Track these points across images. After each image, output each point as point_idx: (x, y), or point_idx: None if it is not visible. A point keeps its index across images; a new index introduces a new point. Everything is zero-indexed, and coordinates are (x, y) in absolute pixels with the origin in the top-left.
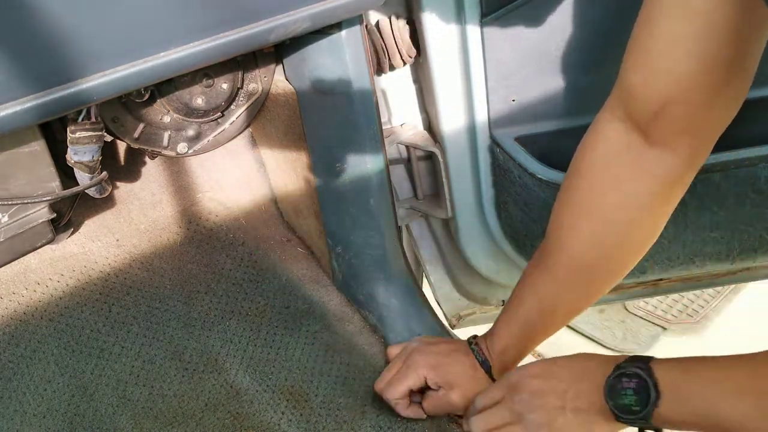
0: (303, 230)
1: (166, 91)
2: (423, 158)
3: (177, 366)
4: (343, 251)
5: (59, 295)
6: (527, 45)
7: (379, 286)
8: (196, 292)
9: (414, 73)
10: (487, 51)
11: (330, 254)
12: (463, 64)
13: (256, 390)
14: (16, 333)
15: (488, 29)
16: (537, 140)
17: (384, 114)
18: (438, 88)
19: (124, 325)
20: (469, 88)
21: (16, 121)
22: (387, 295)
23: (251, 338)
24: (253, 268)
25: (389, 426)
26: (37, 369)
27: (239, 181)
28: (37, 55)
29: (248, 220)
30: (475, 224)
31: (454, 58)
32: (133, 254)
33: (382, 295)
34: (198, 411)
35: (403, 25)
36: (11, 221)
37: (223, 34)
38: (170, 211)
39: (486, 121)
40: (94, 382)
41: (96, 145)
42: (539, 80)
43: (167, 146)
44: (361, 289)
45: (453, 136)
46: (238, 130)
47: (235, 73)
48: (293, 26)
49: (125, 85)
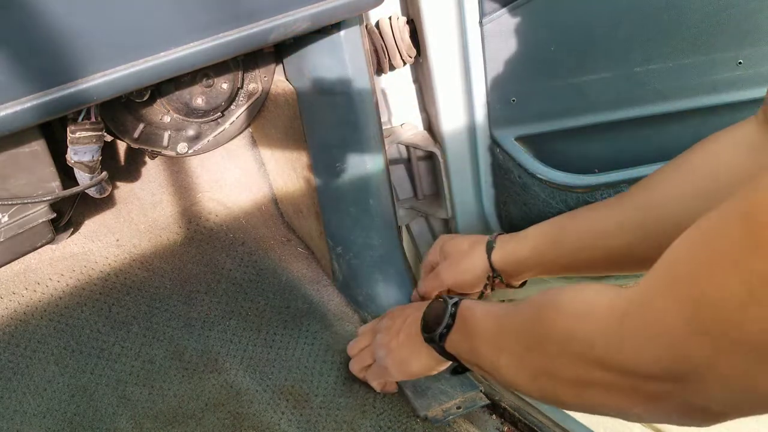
0: (303, 231)
1: (166, 91)
2: (423, 158)
3: (177, 366)
4: (344, 252)
5: (59, 295)
6: (527, 45)
7: (378, 286)
8: (196, 292)
9: (414, 73)
10: (486, 51)
11: (330, 255)
12: (463, 64)
13: (256, 390)
14: (16, 333)
15: (488, 29)
16: (537, 140)
17: (384, 114)
18: (438, 88)
19: (124, 325)
20: (469, 88)
21: (16, 121)
22: (386, 296)
23: (251, 338)
24: (253, 268)
25: (389, 426)
26: (37, 369)
27: (239, 181)
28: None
29: (248, 220)
30: (475, 224)
31: (454, 58)
32: (133, 254)
33: (381, 296)
34: (198, 411)
35: (403, 25)
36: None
37: (223, 34)
38: (170, 211)
39: (486, 121)
40: (94, 382)
41: (96, 145)
42: (539, 80)
43: (167, 146)
44: (361, 290)
45: (453, 136)
46: (238, 130)
47: (235, 73)
48: (293, 26)
49: (125, 85)
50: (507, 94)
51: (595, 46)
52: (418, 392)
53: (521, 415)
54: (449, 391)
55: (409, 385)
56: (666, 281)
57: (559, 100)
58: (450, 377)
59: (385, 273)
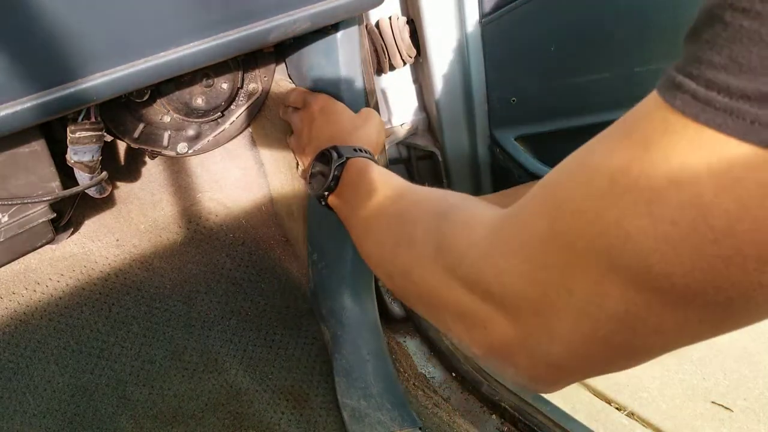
0: (292, 234)
1: (166, 91)
2: (423, 158)
3: (177, 366)
4: (318, 259)
5: (59, 295)
6: (527, 45)
7: (343, 301)
8: (196, 292)
9: (414, 73)
10: (486, 51)
11: (308, 261)
12: (463, 64)
13: (256, 390)
14: (16, 333)
15: (488, 29)
16: (537, 140)
17: (384, 114)
18: (438, 88)
19: (124, 325)
20: (469, 88)
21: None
22: (347, 315)
23: (251, 338)
24: (253, 268)
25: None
26: (37, 369)
27: (239, 181)
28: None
29: (248, 220)
30: None
31: (454, 58)
32: (133, 254)
33: (343, 312)
34: (198, 411)
35: (403, 25)
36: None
37: (223, 34)
38: (170, 211)
39: (486, 121)
40: (94, 382)
41: (96, 145)
42: (539, 80)
43: (167, 146)
44: (326, 303)
45: (453, 136)
46: (238, 130)
47: (235, 73)
48: (293, 26)
49: (125, 85)
50: (507, 94)
51: (595, 46)
52: (356, 417)
53: (521, 415)
54: (387, 423)
55: (348, 408)
56: (534, 193)
57: (559, 100)
58: (392, 409)
59: (352, 289)
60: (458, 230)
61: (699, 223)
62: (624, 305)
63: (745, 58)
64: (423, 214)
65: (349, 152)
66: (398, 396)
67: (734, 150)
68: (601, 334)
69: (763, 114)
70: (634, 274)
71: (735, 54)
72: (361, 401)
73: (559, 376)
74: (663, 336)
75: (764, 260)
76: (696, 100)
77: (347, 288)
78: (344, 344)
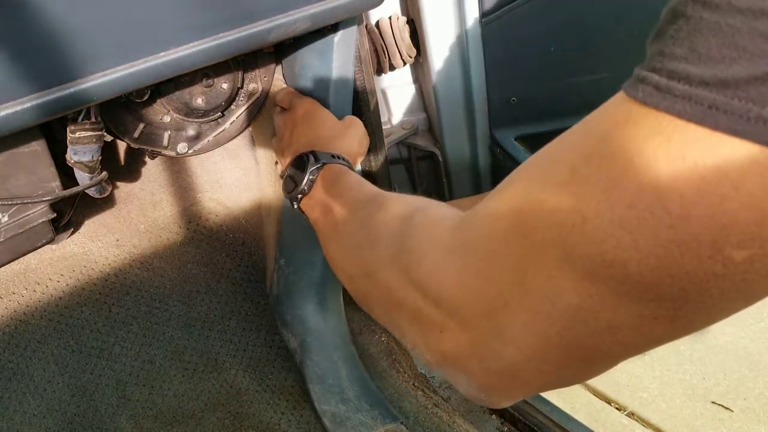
0: (265, 233)
1: (166, 91)
2: (423, 158)
3: (177, 366)
4: (285, 265)
5: (59, 295)
6: (527, 45)
7: (309, 309)
8: (196, 292)
9: (414, 73)
10: (486, 51)
11: (275, 265)
12: (463, 64)
13: (256, 390)
14: (16, 333)
15: (488, 29)
16: (537, 140)
17: (384, 114)
18: (438, 88)
19: (124, 325)
20: (469, 88)
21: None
22: (315, 323)
23: (251, 338)
24: (253, 268)
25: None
26: (37, 369)
27: (239, 181)
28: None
29: (248, 220)
30: None
31: (454, 58)
32: (133, 254)
33: (310, 320)
34: (198, 411)
35: (403, 25)
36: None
37: (223, 34)
38: (170, 211)
39: (486, 121)
40: (94, 382)
41: (96, 145)
42: (539, 80)
43: (167, 146)
44: (291, 310)
45: (453, 136)
46: (238, 130)
47: (235, 73)
48: (293, 26)
49: (125, 85)
50: (507, 94)
51: (595, 46)
52: (337, 422)
53: (521, 415)
54: (369, 423)
55: (328, 414)
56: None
57: (559, 100)
58: (371, 409)
59: (320, 297)
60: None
61: (655, 207)
62: (577, 299)
63: (704, 48)
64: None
65: (326, 158)
66: (375, 395)
67: (691, 134)
68: (553, 331)
69: (719, 99)
70: (589, 263)
71: (695, 45)
72: (339, 406)
73: (511, 383)
74: (617, 334)
75: (718, 247)
76: (658, 90)
77: (317, 294)
78: (315, 351)
